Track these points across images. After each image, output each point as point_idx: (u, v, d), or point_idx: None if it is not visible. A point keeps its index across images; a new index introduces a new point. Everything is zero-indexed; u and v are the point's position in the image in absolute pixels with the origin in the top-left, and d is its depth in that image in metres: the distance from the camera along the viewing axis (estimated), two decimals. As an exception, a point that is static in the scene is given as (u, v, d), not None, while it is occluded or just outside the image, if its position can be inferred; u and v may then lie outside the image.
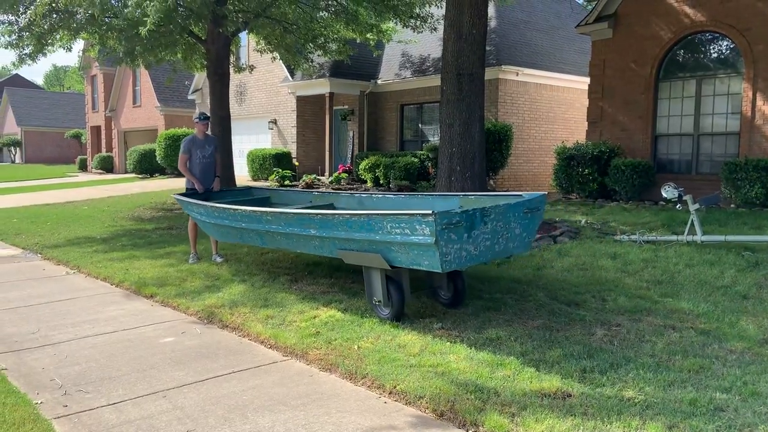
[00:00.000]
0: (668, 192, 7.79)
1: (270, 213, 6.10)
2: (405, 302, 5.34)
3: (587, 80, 13.58)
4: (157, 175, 27.66)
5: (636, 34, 12.32)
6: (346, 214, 5.21)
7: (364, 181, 18.02)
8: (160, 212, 14.50)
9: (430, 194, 7.32)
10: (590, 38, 13.26)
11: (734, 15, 10.93)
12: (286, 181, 19.16)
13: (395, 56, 20.58)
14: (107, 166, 33.98)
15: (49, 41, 13.57)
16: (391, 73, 20.29)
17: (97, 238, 10.87)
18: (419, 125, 19.70)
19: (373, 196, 7.61)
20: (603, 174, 12.14)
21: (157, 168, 27.13)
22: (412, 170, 16.57)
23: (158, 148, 25.23)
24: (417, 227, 4.62)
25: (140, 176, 27.99)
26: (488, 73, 14.86)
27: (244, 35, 19.00)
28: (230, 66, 15.98)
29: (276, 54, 17.07)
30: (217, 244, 8.36)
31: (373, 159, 17.58)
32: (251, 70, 18.40)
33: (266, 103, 23.45)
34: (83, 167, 38.27)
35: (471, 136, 9.99)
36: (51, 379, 4.40)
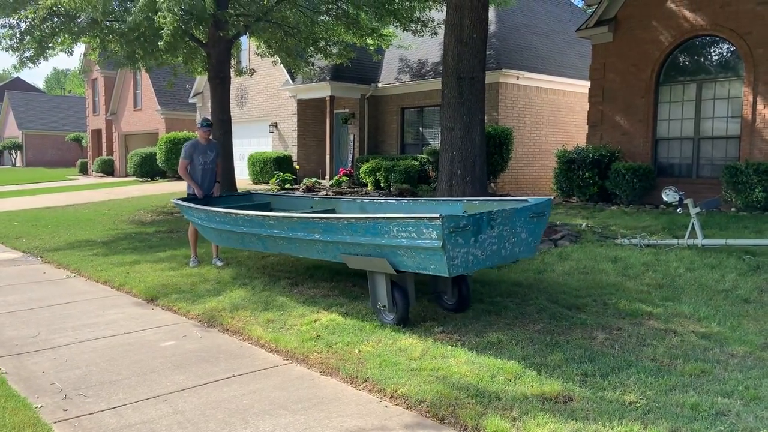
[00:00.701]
0: (669, 195, 7.79)
1: (272, 217, 6.07)
2: (410, 307, 5.29)
3: (588, 84, 13.59)
4: (157, 178, 27.70)
5: (636, 37, 12.34)
6: (351, 217, 5.15)
7: (365, 185, 18.02)
8: (161, 216, 14.50)
9: (434, 199, 7.26)
10: (590, 42, 13.27)
11: (734, 19, 10.94)
12: (286, 185, 19.16)
13: (396, 60, 20.60)
14: (108, 169, 34.01)
15: (50, 45, 13.59)
16: (392, 77, 20.30)
17: (97, 241, 10.88)
18: (420, 129, 19.70)
19: (375, 201, 7.44)
20: (603, 177, 12.15)
21: (158, 171, 27.17)
22: (412, 173, 16.58)
23: (159, 151, 25.30)
24: (424, 231, 4.58)
25: (141, 179, 28.03)
26: (489, 77, 14.88)
27: (245, 39, 19.02)
28: (231, 69, 16.00)
29: (277, 58, 17.09)
30: (218, 248, 8.35)
31: (373, 162, 17.58)
32: (252, 74, 18.44)
33: (267, 106, 23.47)
34: (84, 170, 38.33)
35: (472, 139, 10.00)
36: (51, 383, 4.39)
